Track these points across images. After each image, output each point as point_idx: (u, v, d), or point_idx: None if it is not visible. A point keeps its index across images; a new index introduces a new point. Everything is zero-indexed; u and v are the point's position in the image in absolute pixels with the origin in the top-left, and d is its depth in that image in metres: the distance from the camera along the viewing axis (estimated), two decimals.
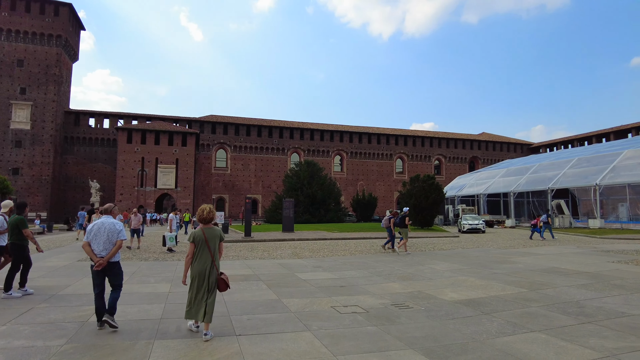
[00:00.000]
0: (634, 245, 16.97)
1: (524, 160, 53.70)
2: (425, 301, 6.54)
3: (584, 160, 37.68)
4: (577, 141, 73.12)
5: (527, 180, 40.92)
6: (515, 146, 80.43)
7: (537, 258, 12.42)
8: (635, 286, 7.70)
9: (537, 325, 5.14)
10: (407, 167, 71.64)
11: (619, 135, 66.04)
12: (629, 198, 39.62)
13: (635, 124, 64.48)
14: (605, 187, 33.96)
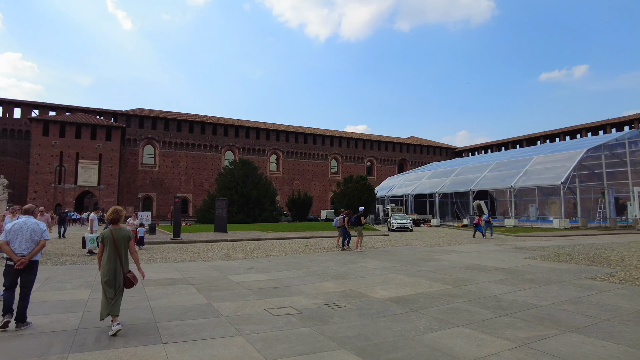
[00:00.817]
0: (541, 242, 18.73)
1: (449, 163, 57.22)
2: (357, 300, 6.67)
3: (502, 165, 40.95)
4: (496, 146, 79.33)
5: (452, 182, 43.58)
6: (441, 150, 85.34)
7: (460, 255, 13.24)
8: (543, 280, 8.48)
9: (461, 320, 5.44)
10: (342, 167, 73.10)
11: (530, 142, 72.68)
12: (538, 199, 43.75)
13: (544, 132, 71.40)
14: (519, 189, 37.11)
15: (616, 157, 37.65)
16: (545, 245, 17.24)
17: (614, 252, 14.15)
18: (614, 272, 9.51)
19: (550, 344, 4.41)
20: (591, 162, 37.41)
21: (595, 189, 38.49)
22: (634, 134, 38.68)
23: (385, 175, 73.10)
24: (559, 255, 12.95)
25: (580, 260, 11.67)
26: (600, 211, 37.25)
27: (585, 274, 9.26)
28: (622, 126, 61.21)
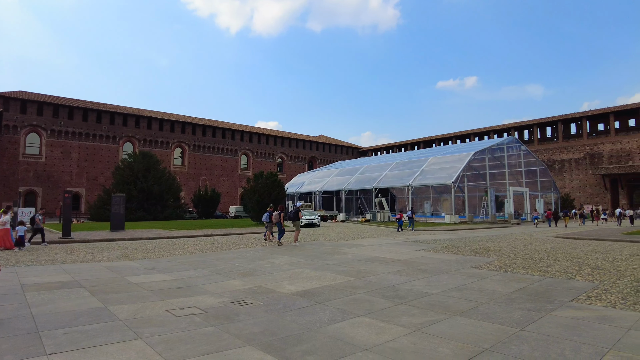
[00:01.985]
0: (434, 236, 20.53)
1: (355, 162, 59.84)
2: (264, 296, 6.69)
3: (401, 164, 43.92)
4: (397, 147, 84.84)
5: (357, 180, 45.62)
6: (348, 149, 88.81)
7: (363, 249, 13.97)
8: (435, 270, 9.33)
9: (362, 310, 5.77)
10: (252, 163, 72.22)
11: (426, 145, 78.97)
12: (432, 197, 47.71)
13: (438, 136, 78.15)
14: (416, 187, 40.09)
15: (497, 160, 42.71)
16: (437, 238, 18.93)
17: (492, 243, 16.07)
18: (492, 261, 10.81)
19: (439, 328, 4.90)
20: (477, 164, 41.97)
21: (480, 188, 43.28)
22: (510, 140, 44.25)
23: (296, 172, 73.98)
24: (448, 248, 14.33)
25: (466, 252, 13.05)
26: (484, 208, 42.02)
27: (470, 263, 10.39)
28: (502, 133, 69.49)
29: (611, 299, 6.33)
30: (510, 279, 8.08)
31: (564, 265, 9.98)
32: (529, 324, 4.99)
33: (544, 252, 12.76)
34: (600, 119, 61.37)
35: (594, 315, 5.38)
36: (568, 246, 14.93)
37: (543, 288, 7.18)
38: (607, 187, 58.94)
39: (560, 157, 63.69)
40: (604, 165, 59.32)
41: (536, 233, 23.14)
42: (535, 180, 45.78)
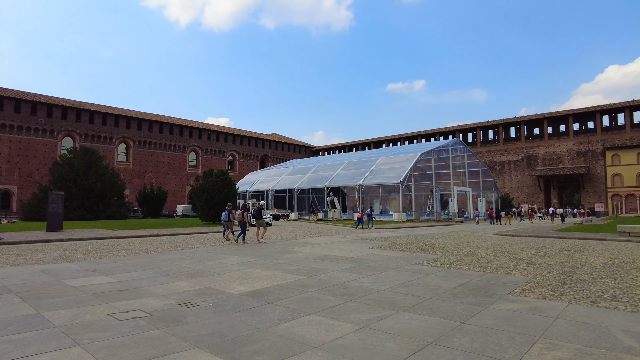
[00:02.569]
0: (383, 234, 21.08)
1: (307, 161, 60.06)
2: (213, 297, 6.56)
3: (352, 164, 44.65)
4: (349, 147, 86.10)
5: (309, 179, 45.82)
6: (300, 148, 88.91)
7: (314, 247, 14.07)
8: (383, 267, 9.59)
9: (313, 308, 5.82)
10: (201, 161, 70.35)
11: (377, 145, 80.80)
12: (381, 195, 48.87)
13: (388, 137, 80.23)
14: (366, 187, 40.93)
15: (442, 160, 44.56)
16: (386, 236, 19.46)
17: (437, 240, 16.77)
18: (437, 257, 11.29)
19: (386, 323, 5.04)
20: (424, 164, 43.55)
21: (426, 187, 44.98)
22: (455, 142, 46.30)
23: (248, 170, 73.02)
24: (396, 245, 14.78)
25: (413, 249, 13.52)
26: (429, 206, 43.70)
27: (416, 260, 10.77)
28: (447, 135, 72.56)
29: (542, 291, 6.82)
30: (453, 275, 8.48)
31: (502, 261, 10.61)
32: (470, 317, 5.27)
33: (485, 249, 13.50)
34: (536, 124, 65.81)
35: (527, 307, 5.78)
36: (506, 243, 15.89)
37: (483, 283, 7.60)
38: (541, 187, 63.33)
39: (501, 158, 67.55)
40: (538, 167, 63.67)
41: (478, 231, 24.43)
42: (477, 181, 48.28)
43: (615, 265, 9.69)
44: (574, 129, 61.72)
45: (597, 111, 59.67)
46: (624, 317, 5.26)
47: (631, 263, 9.99)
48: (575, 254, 12.01)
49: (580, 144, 60.53)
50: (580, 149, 60.36)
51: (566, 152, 61.57)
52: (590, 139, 59.77)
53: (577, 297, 6.34)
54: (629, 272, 8.67)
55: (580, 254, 12.00)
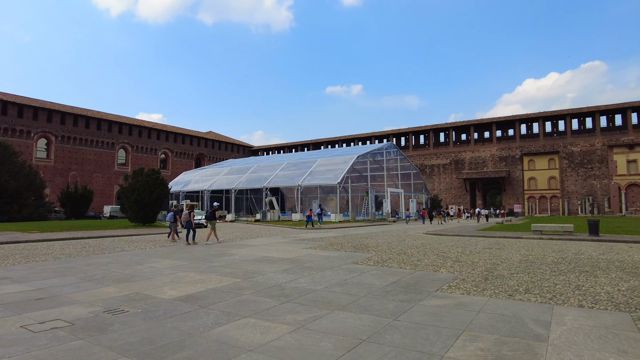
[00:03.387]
0: (320, 234, 21.34)
1: (246, 160, 59.17)
2: (142, 303, 6.25)
3: (292, 165, 44.70)
4: (288, 148, 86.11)
5: (247, 179, 45.16)
6: (239, 147, 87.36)
7: (251, 249, 13.89)
8: (319, 267, 9.71)
9: (248, 311, 5.74)
10: (131, 159, 66.55)
11: (316, 146, 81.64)
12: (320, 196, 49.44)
13: (327, 138, 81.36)
14: (305, 187, 41.19)
15: (377, 163, 46.08)
16: (323, 236, 19.72)
17: (372, 240, 17.30)
18: (371, 256, 11.65)
19: (322, 323, 5.12)
20: (360, 166, 44.74)
21: (362, 188, 46.25)
22: (389, 145, 48.10)
23: (182, 169, 70.31)
24: (333, 245, 15.03)
25: (349, 248, 13.83)
26: (365, 207, 44.99)
27: (351, 259, 11.04)
28: (382, 138, 75.13)
29: (467, 287, 7.31)
30: (386, 273, 8.80)
31: (431, 259, 11.20)
32: (401, 314, 5.51)
33: (416, 248, 14.16)
34: (464, 130, 70.29)
35: (453, 303, 6.15)
36: (435, 242, 16.79)
37: (414, 280, 7.97)
38: (467, 189, 67.71)
39: (431, 162, 71.26)
40: (465, 170, 68.01)
41: (409, 230, 25.56)
42: (409, 183, 50.55)
43: (529, 261, 10.62)
44: (497, 136, 66.76)
45: (516, 120, 65.03)
46: (535, 307, 5.78)
47: (542, 259, 11.01)
48: (496, 251, 12.99)
49: (502, 150, 65.57)
50: (502, 154, 65.40)
51: (490, 157, 66.41)
52: (511, 145, 64.98)
53: (497, 292, 6.86)
54: (540, 267, 9.55)
55: (500, 251, 13.00)
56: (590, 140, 59.35)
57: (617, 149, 56.30)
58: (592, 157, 58.84)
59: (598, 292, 6.79)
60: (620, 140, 56.89)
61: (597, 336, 4.50)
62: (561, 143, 61.21)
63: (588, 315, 5.35)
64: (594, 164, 58.71)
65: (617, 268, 9.30)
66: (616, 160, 56.29)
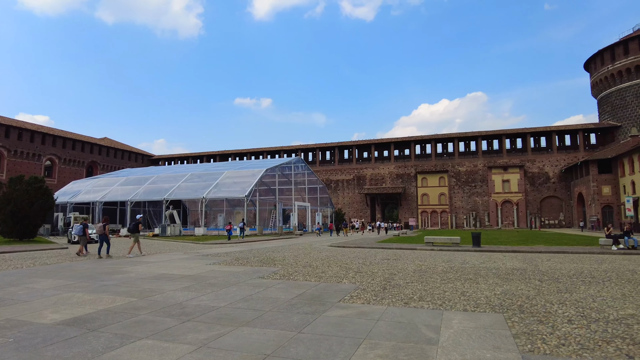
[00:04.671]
0: (225, 249, 20.75)
1: (144, 170, 55.32)
2: (16, 330, 5.46)
3: (196, 176, 42.97)
4: (192, 158, 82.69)
5: (146, 190, 42.27)
6: (137, 156, 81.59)
7: (149, 266, 12.98)
8: (224, 283, 9.43)
9: (145, 332, 5.35)
10: (8, 164, 58.18)
11: (223, 158, 79.68)
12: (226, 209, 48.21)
13: (235, 150, 79.98)
14: (210, 200, 39.82)
15: (285, 177, 46.46)
16: (228, 251, 19.20)
17: (278, 253, 17.31)
18: (277, 270, 11.65)
19: (225, 340, 4.97)
20: (268, 179, 44.68)
21: (270, 202, 46.18)
22: (297, 160, 48.90)
23: (71, 178, 63.32)
24: (238, 260, 14.72)
25: (255, 263, 13.66)
26: (272, 220, 44.89)
27: (257, 274, 10.91)
28: (291, 153, 76.10)
29: (367, 297, 7.68)
30: (291, 286, 8.86)
31: (335, 270, 11.55)
32: (305, 326, 5.59)
33: (320, 260, 14.50)
34: (365, 148, 74.33)
35: (354, 312, 6.42)
36: (339, 254, 17.37)
37: (318, 292, 8.15)
38: (368, 203, 71.40)
39: (336, 177, 73.93)
40: (366, 186, 71.75)
41: (315, 243, 26.08)
42: (316, 197, 51.75)
43: (422, 270, 11.53)
44: (395, 155, 71.79)
45: (412, 141, 70.73)
46: (427, 314, 6.29)
47: (433, 268, 12.03)
48: (393, 262, 13.86)
49: (399, 168, 70.57)
50: (399, 172, 70.38)
51: (388, 174, 71.02)
52: (407, 164, 70.29)
53: (394, 300, 7.33)
54: (431, 276, 10.42)
55: (397, 262, 13.90)
56: (474, 161, 66.76)
57: (495, 169, 64.18)
58: (475, 176, 66.18)
59: (479, 297, 7.62)
60: (497, 162, 64.94)
61: (477, 336, 5.05)
62: (450, 163, 67.89)
63: (471, 318, 5.97)
64: (476, 182, 66.01)
65: (494, 275, 10.54)
66: (494, 179, 64.10)
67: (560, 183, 62.16)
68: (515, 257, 15.82)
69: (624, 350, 4.52)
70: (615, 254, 16.62)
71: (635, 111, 55.73)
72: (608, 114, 60.00)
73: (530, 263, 13.43)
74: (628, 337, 4.98)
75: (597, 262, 13.60)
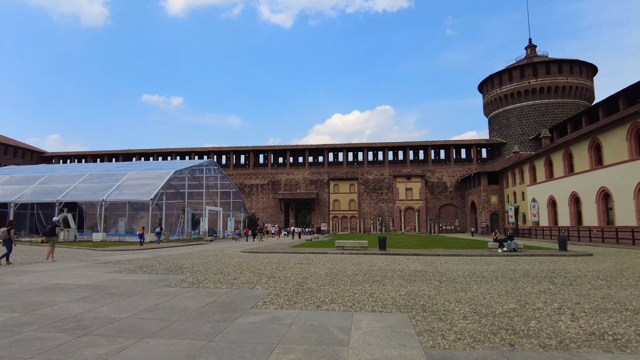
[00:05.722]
0: (128, 256, 19.29)
1: (34, 169, 49.26)
2: None
3: (95, 177, 39.37)
4: (92, 157, 75.64)
5: (34, 191, 37.71)
6: (25, 152, 72.51)
7: (37, 276, 11.57)
8: (126, 292, 8.76)
9: (30, 351, 4.75)
10: None
11: (126, 158, 74.17)
12: (128, 213, 44.96)
13: (140, 150, 74.86)
14: (110, 203, 36.80)
15: (196, 180, 44.63)
16: (131, 258, 17.87)
17: (187, 260, 16.55)
18: (186, 277, 11.12)
19: (129, 354, 4.61)
20: (177, 182, 42.56)
21: (178, 206, 43.98)
22: (210, 162, 47.26)
23: None
24: (142, 267, 13.76)
25: (161, 270, 12.89)
26: (180, 225, 42.76)
27: (164, 282, 10.31)
28: (203, 155, 73.44)
29: (280, 301, 7.68)
30: (201, 294, 8.53)
31: (247, 276, 11.37)
32: (216, 335, 5.41)
33: (232, 266, 14.16)
34: (281, 153, 74.55)
35: (267, 318, 6.38)
36: (252, 259, 17.13)
37: (230, 299, 7.95)
38: (282, 209, 71.58)
39: (250, 182, 72.98)
40: (281, 191, 71.92)
41: (227, 249, 25.41)
42: (229, 201, 50.50)
43: (334, 274, 11.86)
44: (309, 161, 73.02)
45: (325, 148, 72.61)
46: (338, 316, 6.48)
47: (344, 271, 12.44)
48: (306, 266, 14.05)
49: (313, 174, 71.89)
50: (313, 178, 71.71)
51: (302, 180, 71.98)
52: (320, 170, 71.89)
53: (307, 304, 7.43)
54: (342, 279, 10.77)
55: (309, 266, 14.12)
56: (381, 170, 70.56)
57: (399, 178, 68.53)
58: (382, 184, 69.94)
59: (385, 297, 8.05)
60: (402, 171, 69.40)
61: (385, 335, 5.33)
62: (360, 171, 70.93)
63: (379, 319, 6.28)
64: (383, 190, 69.79)
65: (399, 276, 11.22)
66: (398, 187, 68.39)
67: (456, 192, 68.35)
68: (417, 259, 17.01)
69: (507, 340, 5.11)
70: (500, 256, 18.69)
71: (517, 130, 63.52)
72: (496, 131, 67.56)
73: (431, 265, 14.55)
74: (510, 329, 5.64)
75: (487, 264, 15.19)
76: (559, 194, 39.86)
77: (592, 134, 34.07)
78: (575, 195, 36.72)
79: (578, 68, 60.91)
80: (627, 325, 5.84)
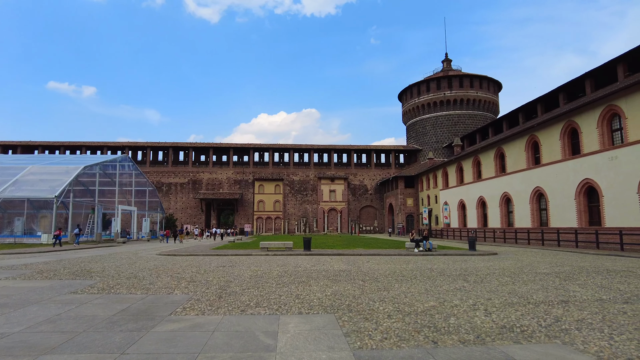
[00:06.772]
0: (25, 260, 17.15)
1: None
2: None
3: None
4: None
5: None
6: None
7: None
8: (21, 302, 7.69)
9: None
10: None
11: (27, 150, 66.61)
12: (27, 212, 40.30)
13: (44, 142, 67.58)
14: (5, 201, 32.74)
15: (108, 176, 41.26)
16: (29, 262, 15.92)
17: (97, 264, 15.12)
18: (94, 283, 10.10)
19: None
20: (87, 178, 38.96)
21: (87, 204, 40.30)
22: (124, 158, 44.01)
23: None
24: (42, 273, 12.29)
25: (65, 275, 11.60)
26: (89, 226, 39.20)
27: (69, 288, 9.26)
28: (116, 150, 68.32)
29: (202, 307, 7.24)
30: (113, 301, 7.77)
31: (165, 281, 10.64)
32: (130, 346, 4.90)
33: (148, 270, 13.20)
34: (203, 151, 71.83)
35: (188, 325, 5.95)
36: (169, 263, 16.14)
37: (145, 306, 7.32)
38: (203, 209, 68.95)
39: (169, 180, 69.29)
40: (202, 190, 69.26)
41: (142, 251, 23.75)
42: (144, 200, 47.42)
43: (259, 276, 11.56)
44: (234, 160, 71.30)
45: (251, 148, 71.41)
46: (264, 320, 6.25)
47: (269, 273, 12.19)
48: (229, 269, 13.55)
49: (237, 174, 70.27)
50: (237, 178, 70.10)
51: (226, 179, 70.01)
52: (245, 170, 70.52)
53: (231, 309, 7.08)
54: (267, 281, 10.52)
55: (233, 268, 13.64)
56: (307, 171, 71.13)
57: (324, 180, 69.69)
58: (307, 185, 70.54)
59: (312, 299, 7.98)
60: (326, 173, 70.62)
61: (313, 338, 5.22)
62: (285, 172, 70.85)
63: (306, 321, 6.17)
64: (308, 191, 70.41)
65: (324, 277, 11.25)
66: (322, 189, 69.52)
67: (376, 194, 71.15)
68: (341, 259, 17.29)
69: (430, 337, 5.28)
70: (417, 255, 19.70)
71: (432, 138, 67.87)
72: (413, 138, 71.58)
73: (354, 265, 14.84)
74: (432, 326, 5.86)
75: (405, 263, 15.87)
76: (468, 198, 43.26)
77: (497, 144, 37.52)
78: (482, 199, 40.11)
79: (487, 83, 66.82)
80: (530, 317, 6.37)
